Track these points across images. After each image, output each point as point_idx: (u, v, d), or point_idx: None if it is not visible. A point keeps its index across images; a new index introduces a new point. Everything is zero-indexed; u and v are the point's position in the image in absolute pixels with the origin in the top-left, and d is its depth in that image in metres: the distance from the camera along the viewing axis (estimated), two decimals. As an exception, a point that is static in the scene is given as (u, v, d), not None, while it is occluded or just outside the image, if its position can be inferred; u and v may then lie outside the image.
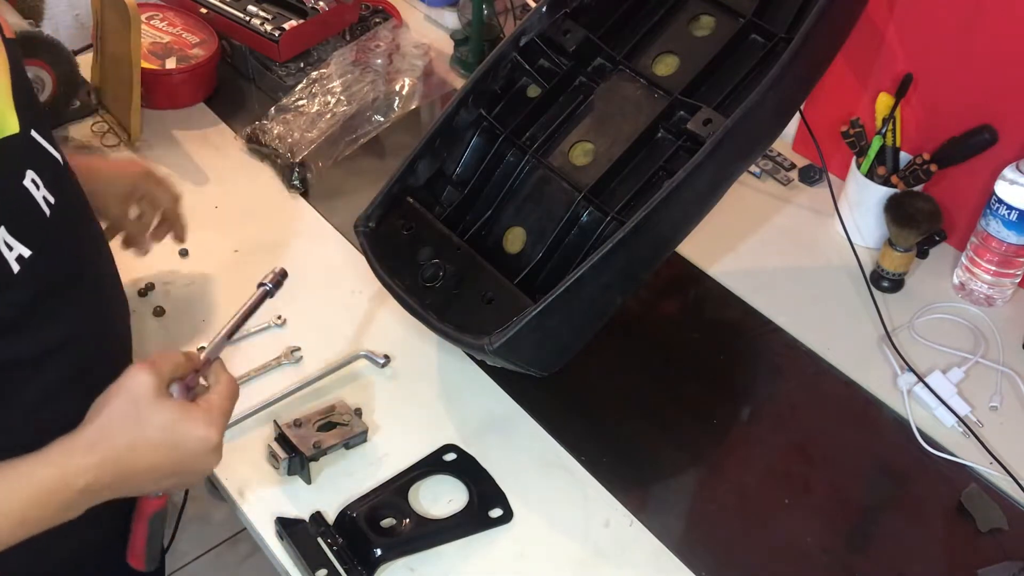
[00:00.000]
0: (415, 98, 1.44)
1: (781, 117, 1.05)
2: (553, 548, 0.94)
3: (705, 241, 1.20)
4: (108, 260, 0.87)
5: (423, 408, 1.05)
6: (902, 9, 1.22)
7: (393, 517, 0.94)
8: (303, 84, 1.41)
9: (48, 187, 0.73)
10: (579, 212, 1.02)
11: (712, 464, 1.03)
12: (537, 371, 0.99)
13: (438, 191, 1.10)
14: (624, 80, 1.08)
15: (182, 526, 1.06)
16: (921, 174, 1.20)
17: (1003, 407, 1.09)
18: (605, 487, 0.99)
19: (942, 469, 1.03)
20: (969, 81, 1.18)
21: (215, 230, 1.24)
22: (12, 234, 0.69)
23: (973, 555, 0.95)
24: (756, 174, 1.38)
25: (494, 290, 1.00)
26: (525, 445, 1.02)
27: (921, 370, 1.11)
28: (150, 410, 0.72)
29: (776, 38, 1.03)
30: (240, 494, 0.96)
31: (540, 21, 1.10)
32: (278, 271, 0.87)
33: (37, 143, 0.74)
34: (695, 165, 0.92)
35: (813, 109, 1.33)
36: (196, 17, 1.49)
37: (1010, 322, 1.19)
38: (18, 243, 0.69)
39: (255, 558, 1.88)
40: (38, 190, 0.72)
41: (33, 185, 0.72)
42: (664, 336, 1.17)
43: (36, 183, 0.72)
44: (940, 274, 1.25)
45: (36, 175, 0.72)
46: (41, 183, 0.73)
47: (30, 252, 0.70)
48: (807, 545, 0.96)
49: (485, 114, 1.09)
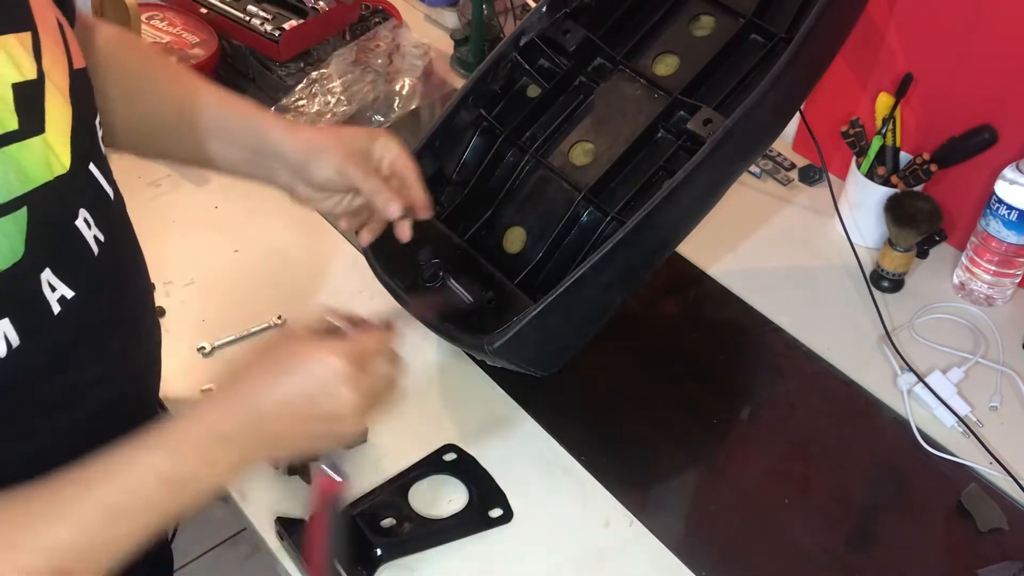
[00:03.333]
0: (415, 98, 1.44)
1: (781, 117, 1.05)
2: (553, 548, 0.94)
3: (705, 241, 1.20)
4: (149, 297, 0.85)
5: (423, 408, 1.05)
6: (902, 9, 1.22)
7: (393, 517, 0.94)
8: (303, 84, 1.41)
9: (99, 225, 0.70)
10: (579, 212, 1.02)
11: (712, 464, 1.03)
12: (537, 371, 0.99)
13: (438, 191, 1.10)
14: (624, 80, 1.08)
15: (182, 526, 1.06)
16: (921, 174, 1.20)
17: (1003, 407, 1.09)
18: (605, 487, 0.99)
19: (942, 469, 1.03)
20: (969, 81, 1.18)
21: (215, 230, 1.24)
22: (58, 275, 0.65)
23: (973, 555, 0.95)
24: (756, 174, 1.38)
25: (494, 290, 1.00)
26: (525, 445, 1.02)
27: (921, 370, 1.11)
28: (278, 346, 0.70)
29: (776, 38, 1.03)
30: (240, 494, 0.96)
31: (540, 21, 1.10)
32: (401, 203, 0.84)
33: (93, 178, 0.71)
34: (695, 165, 0.93)
35: (813, 109, 1.33)
36: (196, 17, 1.49)
37: (1010, 322, 1.19)
38: (63, 284, 0.66)
39: (255, 558, 1.88)
40: (89, 229, 0.69)
41: (85, 224, 0.68)
42: (664, 336, 1.17)
43: (88, 222, 0.69)
44: (940, 274, 1.25)
45: (88, 214, 0.69)
46: (92, 222, 0.69)
47: (73, 293, 0.67)
48: (807, 545, 0.96)
49: (485, 114, 1.09)
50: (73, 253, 0.67)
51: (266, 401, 0.68)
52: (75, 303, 0.67)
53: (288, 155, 0.86)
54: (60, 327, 0.66)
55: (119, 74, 0.83)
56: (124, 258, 0.77)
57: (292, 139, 0.86)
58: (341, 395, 0.69)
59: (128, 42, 0.89)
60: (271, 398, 0.68)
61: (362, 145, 0.87)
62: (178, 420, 0.67)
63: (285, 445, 0.71)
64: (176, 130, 0.87)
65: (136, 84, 0.86)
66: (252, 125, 0.87)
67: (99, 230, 0.70)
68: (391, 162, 0.88)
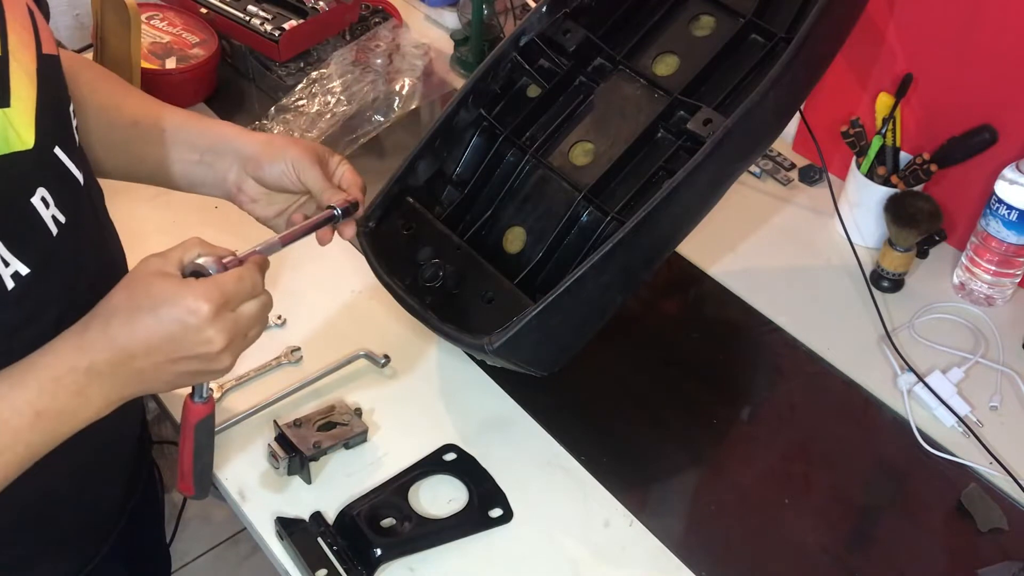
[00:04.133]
0: (415, 98, 1.44)
1: (781, 117, 1.04)
2: (553, 548, 0.94)
3: (705, 241, 1.20)
4: None
5: (423, 408, 1.05)
6: (902, 9, 1.22)
7: (393, 517, 0.94)
8: (303, 84, 1.41)
9: (60, 206, 0.71)
10: (579, 212, 1.02)
11: (712, 464, 1.03)
12: (537, 371, 0.99)
13: (438, 191, 1.10)
14: (624, 80, 1.08)
15: (182, 526, 1.07)
16: (921, 174, 1.20)
17: (1003, 407, 1.09)
18: (605, 487, 0.99)
19: (942, 469, 1.03)
20: (969, 81, 1.18)
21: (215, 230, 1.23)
22: (11, 250, 0.66)
23: (973, 555, 0.95)
24: (756, 174, 1.38)
25: (494, 290, 1.00)
26: (525, 445, 1.02)
27: (921, 370, 1.11)
28: (146, 283, 0.69)
29: (776, 38, 1.03)
30: (240, 494, 0.96)
31: (540, 21, 1.10)
32: (350, 198, 0.86)
33: (58, 160, 0.72)
34: (695, 165, 0.93)
35: (813, 109, 1.33)
36: (196, 17, 1.49)
37: (1010, 322, 1.19)
38: (16, 259, 0.67)
39: (255, 558, 1.88)
40: (47, 208, 0.70)
41: (42, 203, 0.69)
42: (664, 336, 1.17)
43: (46, 201, 0.69)
44: (940, 274, 1.25)
45: (48, 193, 0.70)
46: (52, 202, 0.70)
47: (28, 270, 0.68)
48: (807, 545, 0.96)
49: (485, 114, 1.09)
50: (28, 230, 0.68)
51: (133, 340, 0.68)
52: (31, 281, 0.68)
53: (243, 148, 0.88)
54: (14, 304, 0.67)
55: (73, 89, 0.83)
56: (89, 243, 0.77)
57: (249, 136, 0.89)
58: (205, 337, 0.69)
59: (80, 62, 0.92)
60: (137, 337, 0.68)
61: (320, 151, 0.89)
62: (45, 355, 0.68)
63: (155, 381, 0.72)
64: (130, 138, 0.89)
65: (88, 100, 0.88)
66: (207, 125, 0.91)
67: (59, 211, 0.71)
68: (344, 175, 0.89)
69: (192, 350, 0.70)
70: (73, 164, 0.74)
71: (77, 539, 0.89)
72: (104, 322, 0.69)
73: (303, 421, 0.99)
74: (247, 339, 0.74)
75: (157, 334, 0.68)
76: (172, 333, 0.69)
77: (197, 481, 0.84)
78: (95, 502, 0.90)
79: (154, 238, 0.87)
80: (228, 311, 0.71)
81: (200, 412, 0.80)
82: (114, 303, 0.70)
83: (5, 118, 0.66)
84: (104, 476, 0.90)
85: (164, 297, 0.69)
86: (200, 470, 0.84)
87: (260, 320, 0.74)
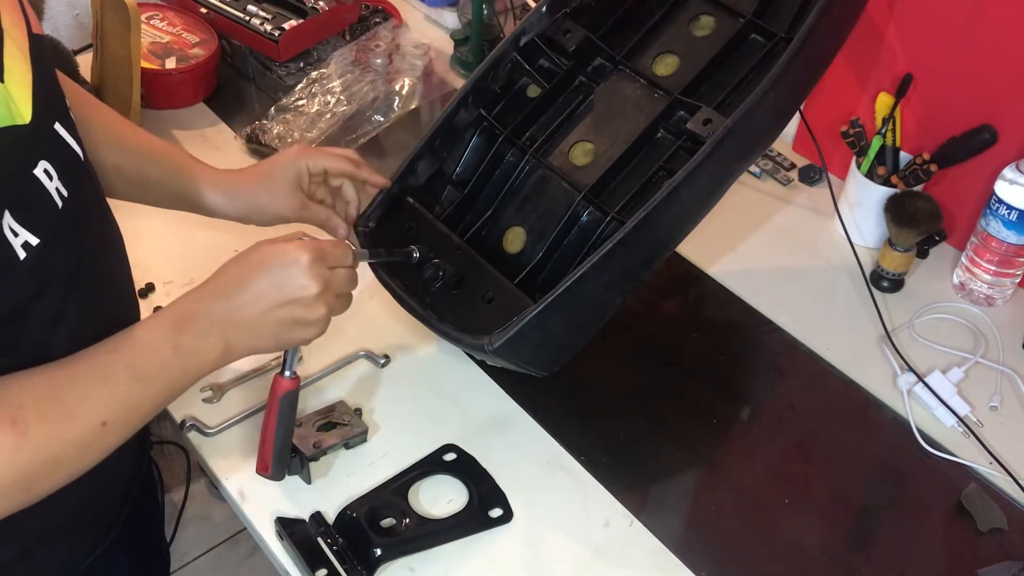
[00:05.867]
0: (415, 98, 1.44)
1: (781, 117, 1.05)
2: (553, 548, 0.94)
3: (705, 241, 1.20)
4: (120, 262, 0.86)
5: (423, 408, 1.05)
6: (902, 9, 1.22)
7: (393, 517, 0.94)
8: (303, 84, 1.41)
9: (63, 179, 0.72)
10: (579, 212, 1.02)
11: (712, 464, 1.03)
12: (537, 371, 0.99)
13: (438, 191, 1.10)
14: (624, 80, 1.08)
15: (182, 526, 1.06)
16: (921, 174, 1.20)
17: (1003, 407, 1.09)
18: (605, 487, 0.99)
19: (942, 469, 1.03)
20: (969, 81, 1.18)
21: (215, 230, 1.23)
22: (19, 221, 0.67)
23: (973, 555, 0.95)
24: (756, 174, 1.38)
25: (494, 290, 1.00)
26: (525, 445, 1.02)
27: (921, 370, 1.11)
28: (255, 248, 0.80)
29: (776, 38, 1.03)
30: (240, 494, 0.96)
31: (540, 21, 1.10)
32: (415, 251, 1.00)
33: (58, 136, 0.73)
34: (695, 165, 0.93)
35: (813, 109, 1.33)
36: (196, 17, 1.49)
37: (1010, 322, 1.19)
38: (25, 230, 0.68)
39: (255, 558, 1.88)
40: (51, 181, 0.71)
41: (45, 175, 0.70)
42: (664, 336, 1.17)
43: (49, 174, 0.71)
44: (940, 274, 1.25)
45: (50, 166, 0.71)
46: (55, 174, 0.71)
47: (38, 240, 0.69)
48: (807, 545, 0.96)
49: (485, 114, 1.10)
50: (34, 201, 0.70)
51: (244, 289, 0.79)
52: (40, 251, 0.69)
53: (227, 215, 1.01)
54: (27, 273, 0.69)
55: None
56: (92, 218, 0.80)
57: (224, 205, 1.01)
58: (303, 282, 0.79)
59: (83, 97, 0.96)
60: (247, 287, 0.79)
61: (289, 176, 0.99)
62: (165, 308, 0.78)
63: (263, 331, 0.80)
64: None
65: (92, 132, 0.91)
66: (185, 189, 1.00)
67: (62, 184, 0.72)
68: (329, 170, 1.01)
69: (292, 294, 0.79)
70: (73, 140, 0.75)
71: (76, 537, 0.89)
72: (216, 280, 0.79)
73: (303, 421, 0.99)
74: (338, 300, 0.83)
75: (264, 281, 0.78)
76: (276, 279, 0.79)
77: (276, 459, 0.90)
78: (94, 500, 0.90)
79: (152, 241, 0.86)
80: (323, 266, 0.80)
81: (287, 386, 0.88)
82: (224, 267, 0.80)
83: (4, 91, 0.66)
84: (104, 475, 0.90)
85: (271, 251, 0.80)
86: (280, 449, 0.89)
87: (348, 285, 0.84)
